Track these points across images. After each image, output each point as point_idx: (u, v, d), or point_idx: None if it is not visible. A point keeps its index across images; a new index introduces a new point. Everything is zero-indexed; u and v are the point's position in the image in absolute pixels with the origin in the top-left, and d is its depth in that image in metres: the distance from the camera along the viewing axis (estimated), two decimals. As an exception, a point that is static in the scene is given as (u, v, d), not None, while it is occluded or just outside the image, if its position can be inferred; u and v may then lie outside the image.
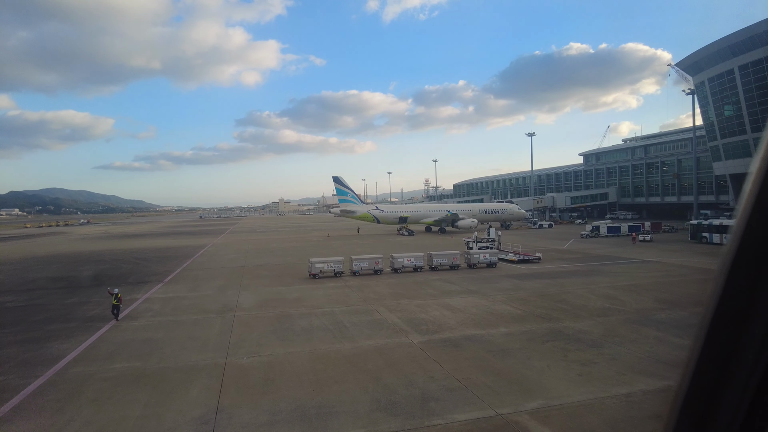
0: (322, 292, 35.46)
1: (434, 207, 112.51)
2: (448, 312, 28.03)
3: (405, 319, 26.66)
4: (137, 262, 58.02)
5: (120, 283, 42.23)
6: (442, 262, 44.86)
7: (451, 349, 21.15)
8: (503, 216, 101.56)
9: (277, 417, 14.83)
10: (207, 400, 16.21)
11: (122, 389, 17.48)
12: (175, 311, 30.34)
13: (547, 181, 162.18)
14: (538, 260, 48.83)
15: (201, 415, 15.04)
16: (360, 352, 21.14)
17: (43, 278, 46.94)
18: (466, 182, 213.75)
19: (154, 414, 15.29)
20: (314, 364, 19.60)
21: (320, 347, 21.90)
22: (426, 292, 34.15)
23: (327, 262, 42.64)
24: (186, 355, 21.35)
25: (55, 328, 26.89)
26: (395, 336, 23.46)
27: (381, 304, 30.61)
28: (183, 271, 49.21)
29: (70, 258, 66.20)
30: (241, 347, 22.19)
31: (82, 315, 29.81)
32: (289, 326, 25.75)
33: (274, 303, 31.92)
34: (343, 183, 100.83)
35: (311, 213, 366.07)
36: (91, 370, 19.59)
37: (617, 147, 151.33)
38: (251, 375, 18.58)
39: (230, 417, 14.87)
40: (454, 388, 16.77)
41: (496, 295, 32.71)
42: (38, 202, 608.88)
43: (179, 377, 18.54)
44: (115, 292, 27.70)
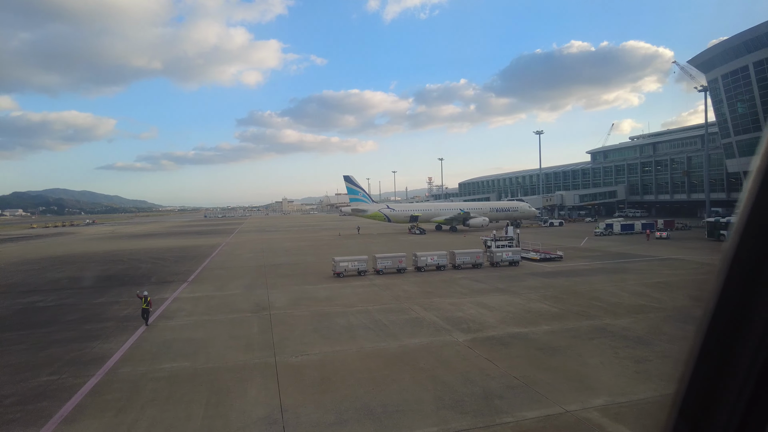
0: (351, 290, 35.39)
1: (445, 205, 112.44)
2: (485, 310, 27.94)
3: (443, 317, 26.57)
4: (155, 262, 57.99)
5: (143, 282, 42.27)
6: (465, 260, 44.76)
7: (499, 347, 21.07)
8: (514, 214, 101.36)
9: (344, 416, 14.75)
10: (268, 400, 16.15)
11: (178, 389, 17.42)
12: (208, 310, 30.29)
13: (554, 179, 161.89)
14: (559, 258, 48.69)
15: (267, 415, 14.97)
16: (408, 350, 21.06)
17: (64, 278, 46.92)
18: (472, 180, 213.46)
19: (218, 414, 15.23)
20: (365, 363, 19.53)
21: (366, 345, 21.83)
22: (456, 291, 34.06)
23: (351, 261, 42.58)
24: (233, 354, 21.29)
25: (92, 327, 26.85)
26: (438, 334, 23.38)
27: (414, 302, 30.52)
28: (204, 270, 49.17)
29: (85, 258, 66.21)
30: (287, 346, 22.13)
31: (116, 315, 29.76)
32: (328, 325, 25.68)
33: (306, 301, 31.86)
34: (354, 182, 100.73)
35: (315, 212, 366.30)
36: (141, 370, 19.54)
37: (625, 145, 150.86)
38: (305, 374, 18.51)
39: (297, 416, 14.80)
40: (514, 386, 16.70)
41: (528, 293, 32.60)
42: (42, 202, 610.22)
43: (233, 377, 18.48)
44: (145, 295, 26.98)
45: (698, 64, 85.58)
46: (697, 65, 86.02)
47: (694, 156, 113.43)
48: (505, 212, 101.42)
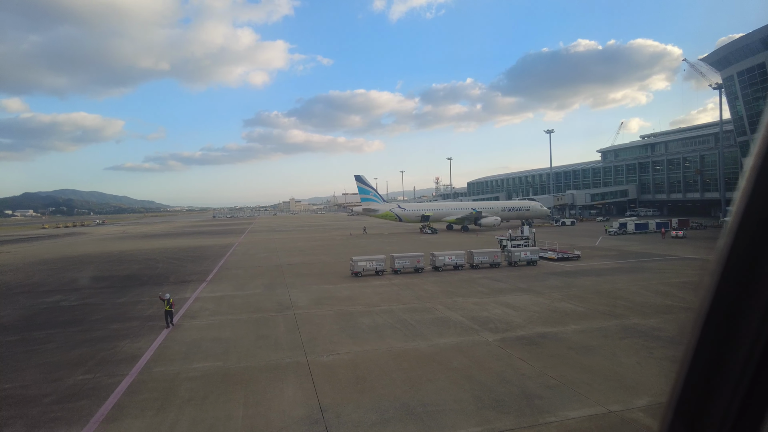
0: (371, 290, 35.33)
1: (456, 205, 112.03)
2: (510, 310, 27.78)
3: (469, 317, 26.45)
4: (171, 262, 58.23)
5: (162, 282, 42.51)
6: (483, 260, 44.57)
7: (530, 347, 20.93)
8: (526, 213, 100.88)
9: (385, 415, 14.69)
10: (306, 399, 16.12)
11: (214, 389, 17.42)
12: (231, 310, 30.34)
13: (564, 178, 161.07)
14: (577, 258, 48.38)
15: (307, 415, 14.93)
16: (439, 350, 20.96)
17: (83, 278, 47.23)
18: (481, 180, 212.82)
19: (257, 413, 15.20)
20: (398, 362, 19.46)
21: (396, 345, 21.75)
22: (477, 291, 33.91)
23: (369, 260, 42.52)
24: (263, 354, 21.29)
25: (118, 327, 26.96)
26: (467, 334, 23.26)
27: (437, 302, 30.42)
28: (221, 270, 49.29)
29: (101, 258, 66.62)
30: (316, 345, 22.10)
31: (140, 315, 29.87)
32: (354, 324, 25.64)
33: (329, 301, 31.84)
34: (365, 181, 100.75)
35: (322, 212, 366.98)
36: (174, 370, 19.57)
37: (636, 143, 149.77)
38: (339, 373, 18.46)
39: (338, 416, 14.75)
40: (553, 386, 16.56)
41: (551, 292, 32.40)
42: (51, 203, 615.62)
43: (267, 376, 18.46)
44: (167, 297, 26.63)
45: (713, 61, 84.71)
46: (712, 63, 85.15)
47: (708, 154, 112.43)
48: (517, 212, 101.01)
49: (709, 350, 1.69)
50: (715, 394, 1.69)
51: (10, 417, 15.53)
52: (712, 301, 1.67)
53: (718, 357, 1.66)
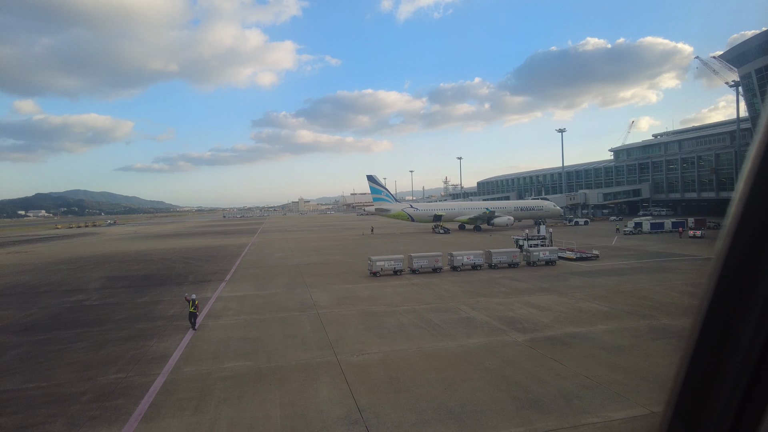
0: (392, 290, 35.25)
1: (469, 204, 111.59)
2: (535, 310, 27.59)
3: (494, 317, 26.30)
4: (187, 262, 58.52)
5: (181, 282, 42.74)
6: (501, 260, 44.34)
7: (561, 347, 20.75)
8: (539, 213, 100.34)
9: (424, 416, 14.60)
10: (342, 399, 16.07)
11: (248, 388, 17.42)
12: (255, 309, 30.39)
13: (576, 177, 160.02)
14: (596, 257, 48.00)
15: (345, 415, 14.88)
16: (469, 350, 20.84)
17: (102, 278, 47.54)
18: (491, 179, 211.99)
19: (295, 413, 15.16)
20: (429, 363, 19.36)
21: (425, 345, 21.65)
22: (499, 291, 33.72)
23: (388, 260, 42.46)
24: (293, 353, 21.28)
25: (143, 327, 27.09)
26: (495, 334, 23.12)
27: (460, 302, 30.28)
28: (238, 270, 49.45)
29: (117, 258, 67.10)
30: (344, 345, 22.06)
31: (163, 314, 30.00)
32: (379, 324, 25.57)
33: (351, 301, 31.81)
34: (377, 181, 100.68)
35: (331, 212, 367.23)
36: (205, 369, 19.61)
37: (648, 142, 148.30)
38: (372, 373, 18.39)
39: (377, 416, 14.69)
40: (590, 386, 16.39)
41: (574, 292, 32.15)
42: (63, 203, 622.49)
43: (300, 376, 18.43)
44: (192, 299, 26.26)
45: (730, 58, 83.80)
46: (729, 60, 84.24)
47: (723, 153, 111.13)
48: (530, 211, 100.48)
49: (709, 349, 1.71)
50: (714, 393, 1.70)
51: (51, 415, 15.63)
52: (711, 301, 1.68)
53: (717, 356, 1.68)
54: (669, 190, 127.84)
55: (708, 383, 1.73)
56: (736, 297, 1.63)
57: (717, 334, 1.70)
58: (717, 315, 1.69)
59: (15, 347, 23.87)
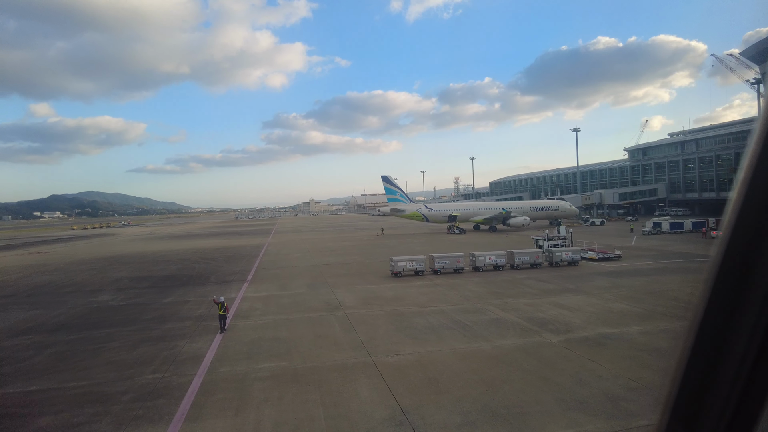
0: (416, 290, 35.12)
1: (484, 205, 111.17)
2: (565, 311, 27.31)
3: (524, 318, 26.06)
4: (206, 262, 58.83)
5: (203, 282, 42.98)
6: (524, 260, 44.02)
7: (598, 348, 20.49)
8: (555, 213, 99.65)
9: (469, 417, 14.46)
10: (384, 400, 15.97)
11: (288, 389, 17.37)
12: (281, 309, 30.43)
13: (591, 177, 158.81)
14: (618, 258, 47.49)
15: (390, 416, 14.78)
16: (504, 351, 20.65)
17: (125, 278, 47.89)
18: (504, 180, 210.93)
19: (339, 414, 15.09)
20: (466, 364, 19.20)
21: (458, 346, 21.49)
22: (525, 291, 33.45)
23: (409, 261, 42.34)
24: (326, 354, 21.22)
25: (172, 327, 27.22)
26: (528, 335, 22.90)
27: (487, 303, 30.06)
28: (259, 270, 49.59)
29: (137, 258, 67.65)
30: (377, 346, 21.96)
31: (190, 315, 30.11)
32: (409, 325, 25.45)
33: (376, 301, 31.73)
34: (392, 182, 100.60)
35: (342, 212, 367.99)
36: (241, 370, 19.61)
37: (664, 141, 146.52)
38: (410, 374, 18.28)
39: (422, 417, 14.57)
40: (634, 388, 16.15)
41: (601, 293, 31.81)
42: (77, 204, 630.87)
43: (337, 376, 18.37)
44: (221, 301, 25.80)
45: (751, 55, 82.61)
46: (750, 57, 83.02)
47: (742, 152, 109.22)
48: (546, 211, 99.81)
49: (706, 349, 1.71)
50: (711, 393, 1.71)
51: (95, 414, 15.71)
52: (709, 301, 1.68)
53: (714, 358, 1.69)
54: (686, 190, 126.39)
55: (705, 385, 1.74)
56: (733, 299, 1.63)
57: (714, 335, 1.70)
58: (714, 317, 1.69)
59: (50, 346, 24.09)
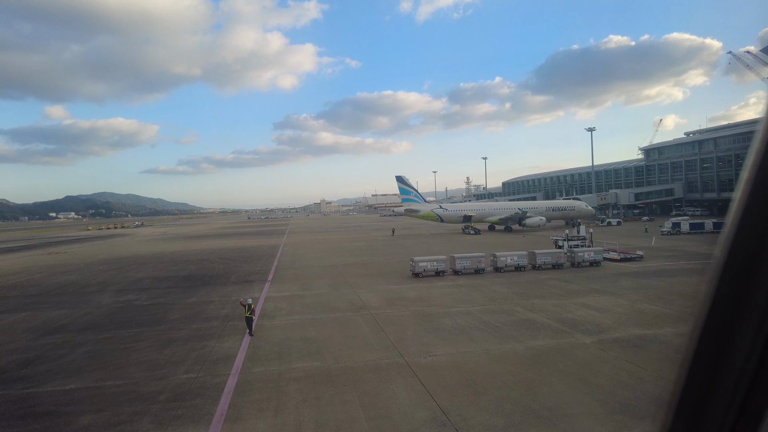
0: (439, 291, 34.95)
1: (500, 205, 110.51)
2: (594, 312, 26.99)
3: (553, 318, 25.79)
4: (225, 263, 59.08)
5: (224, 282, 43.15)
6: (546, 260, 43.65)
7: (634, 350, 20.19)
8: (571, 213, 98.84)
9: (512, 419, 14.28)
10: (422, 401, 15.83)
11: (323, 390, 17.29)
12: (306, 309, 30.42)
13: (605, 177, 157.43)
14: (640, 258, 46.92)
15: (431, 417, 14.64)
16: (537, 352, 20.43)
17: (146, 278, 48.20)
18: (517, 179, 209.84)
19: (379, 415, 14.98)
20: (501, 365, 19.00)
21: (491, 347, 21.29)
22: (550, 292, 33.12)
23: (430, 261, 42.15)
24: (358, 354, 21.13)
25: (199, 327, 27.28)
26: (560, 336, 22.63)
27: (513, 304, 29.80)
28: (278, 270, 49.68)
29: (155, 258, 68.12)
30: (408, 346, 21.81)
31: (216, 314, 30.20)
32: (437, 326, 25.28)
33: (400, 302, 31.60)
34: (406, 182, 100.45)
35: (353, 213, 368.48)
36: (274, 370, 19.58)
37: (681, 140, 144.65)
38: (445, 375, 18.12)
39: (464, 419, 14.41)
40: (677, 392, 15.83)
41: (628, 293, 31.42)
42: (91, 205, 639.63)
43: (372, 377, 18.26)
44: (249, 303, 25.09)
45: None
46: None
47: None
48: (562, 211, 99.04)
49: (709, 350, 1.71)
50: (715, 394, 1.71)
51: (135, 413, 15.76)
52: (712, 302, 1.68)
53: (718, 357, 1.68)
54: (704, 190, 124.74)
55: (709, 385, 1.73)
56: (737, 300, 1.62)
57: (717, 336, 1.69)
58: (717, 317, 1.68)
59: (81, 345, 24.27)
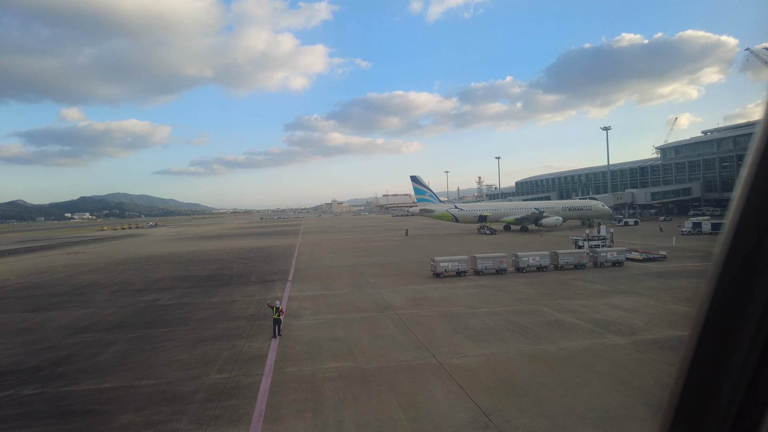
0: (462, 291, 34.72)
1: (515, 205, 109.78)
2: (624, 312, 26.60)
3: (583, 319, 25.46)
4: (243, 262, 59.29)
5: (245, 282, 43.26)
6: (568, 261, 43.22)
7: (672, 352, 19.80)
8: (587, 213, 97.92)
9: (556, 421, 14.05)
10: (462, 402, 15.64)
11: (360, 390, 17.16)
12: (331, 309, 30.37)
13: (621, 176, 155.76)
14: (663, 258, 46.30)
15: (472, 418, 14.45)
16: (571, 353, 20.14)
17: (167, 278, 48.46)
18: (530, 179, 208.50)
19: (420, 416, 14.82)
20: (536, 366, 18.76)
21: (523, 348, 21.05)
22: (576, 293, 32.73)
23: (451, 261, 41.92)
24: (389, 354, 20.98)
25: (227, 326, 27.31)
26: (592, 337, 22.32)
27: (540, 304, 29.49)
28: (298, 270, 49.72)
29: (173, 258, 68.58)
30: (439, 347, 21.62)
31: (242, 314, 30.24)
32: (465, 326, 25.06)
33: (424, 302, 31.43)
34: (421, 182, 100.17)
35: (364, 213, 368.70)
36: (307, 370, 19.50)
37: (698, 139, 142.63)
38: (480, 376, 17.91)
39: (507, 420, 14.21)
40: (723, 394, 15.49)
41: (656, 294, 30.97)
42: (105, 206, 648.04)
43: (406, 378, 18.10)
44: (276, 305, 24.84)
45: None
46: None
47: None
48: (579, 211, 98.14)
49: (709, 351, 1.71)
50: (715, 395, 1.71)
51: (174, 413, 15.75)
52: (711, 303, 1.68)
53: (718, 358, 1.68)
54: (723, 189, 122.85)
55: (709, 385, 1.73)
56: (737, 299, 1.62)
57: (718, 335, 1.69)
58: (717, 317, 1.68)
59: (112, 344, 24.40)
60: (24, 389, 18.48)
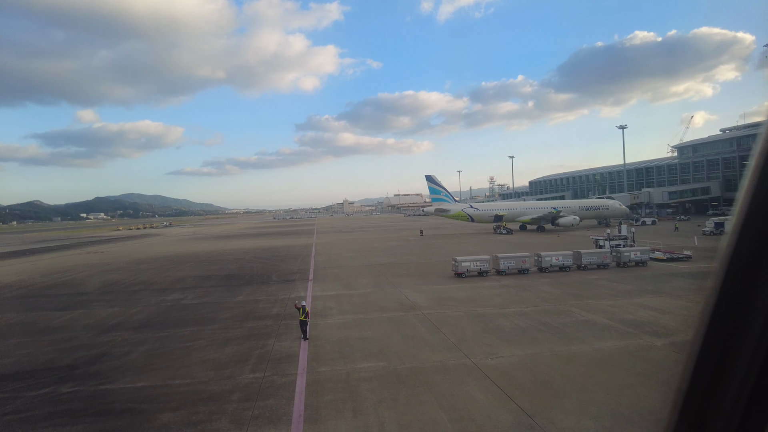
0: (487, 291, 34.43)
1: (531, 204, 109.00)
2: (655, 313, 26.18)
3: (615, 320, 25.08)
4: (262, 262, 59.46)
5: (266, 281, 43.35)
6: (591, 260, 42.70)
7: (711, 353, 19.41)
8: (604, 213, 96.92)
9: (602, 423, 13.79)
10: (503, 403, 15.43)
11: (398, 390, 16.98)
12: (356, 309, 30.27)
13: (636, 175, 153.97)
14: (688, 258, 45.58)
15: (516, 420, 14.23)
16: (607, 354, 19.83)
17: (188, 277, 48.72)
18: (544, 178, 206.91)
19: (462, 417, 14.62)
20: (573, 367, 18.48)
21: (557, 349, 20.75)
22: (603, 293, 32.30)
23: (473, 261, 41.61)
24: (422, 354, 20.81)
25: (255, 326, 27.32)
26: (627, 338, 21.95)
27: (567, 304, 29.13)
28: (317, 270, 49.72)
29: (191, 258, 68.97)
30: (471, 347, 21.39)
31: (268, 313, 30.26)
32: (495, 326, 24.80)
33: (449, 302, 31.19)
34: (436, 181, 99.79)
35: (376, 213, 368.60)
36: (341, 370, 19.41)
37: (716, 137, 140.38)
38: (518, 377, 17.67)
39: (551, 422, 13.97)
40: (772, 397, 15.11)
41: (687, 294, 30.51)
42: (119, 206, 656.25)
43: (443, 378, 17.92)
44: (303, 306, 24.30)
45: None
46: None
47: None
48: (595, 211, 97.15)
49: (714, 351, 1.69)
50: (719, 395, 1.69)
51: (212, 413, 15.72)
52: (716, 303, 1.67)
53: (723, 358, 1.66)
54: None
55: (713, 385, 1.71)
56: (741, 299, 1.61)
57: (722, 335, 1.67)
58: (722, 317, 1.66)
59: (141, 343, 24.51)
60: (61, 387, 18.60)
